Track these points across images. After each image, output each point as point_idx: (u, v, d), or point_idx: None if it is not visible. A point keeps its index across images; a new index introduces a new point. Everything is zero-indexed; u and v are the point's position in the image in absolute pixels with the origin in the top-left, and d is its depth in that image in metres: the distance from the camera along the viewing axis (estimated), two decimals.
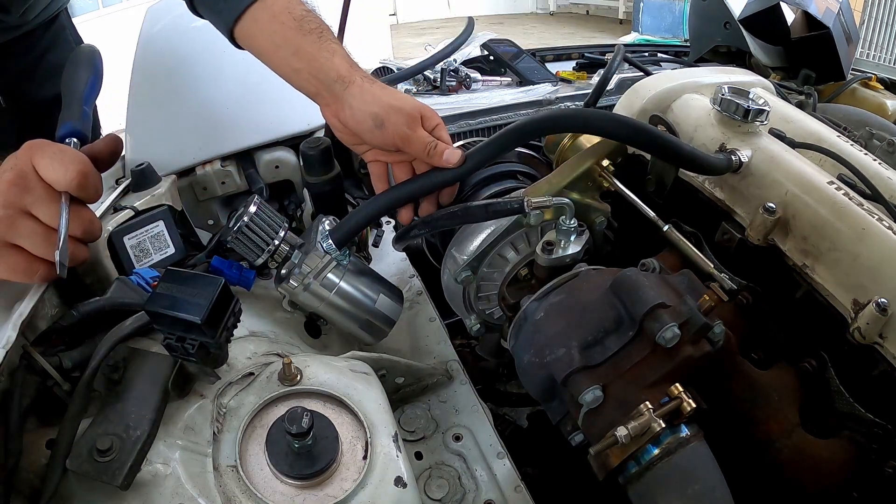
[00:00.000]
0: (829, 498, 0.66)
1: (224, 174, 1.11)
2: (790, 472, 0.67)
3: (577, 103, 1.48)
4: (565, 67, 1.68)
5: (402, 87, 1.51)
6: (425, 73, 1.51)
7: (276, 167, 1.16)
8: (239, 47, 0.82)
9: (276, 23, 0.77)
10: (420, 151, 0.76)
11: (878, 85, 1.55)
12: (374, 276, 0.86)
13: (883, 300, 0.63)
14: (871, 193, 0.75)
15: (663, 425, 0.57)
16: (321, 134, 1.15)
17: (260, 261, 0.78)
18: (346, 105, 0.76)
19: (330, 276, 0.79)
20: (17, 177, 0.62)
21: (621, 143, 0.85)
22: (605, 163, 0.83)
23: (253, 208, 0.77)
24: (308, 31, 0.77)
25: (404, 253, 1.10)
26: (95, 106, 1.43)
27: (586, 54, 1.75)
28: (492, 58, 1.65)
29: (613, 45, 1.45)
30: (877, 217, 0.69)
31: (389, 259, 1.10)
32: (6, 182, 0.62)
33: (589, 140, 0.96)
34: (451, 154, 0.76)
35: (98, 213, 0.82)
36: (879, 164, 0.83)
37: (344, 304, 0.81)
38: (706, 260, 0.73)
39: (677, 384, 0.60)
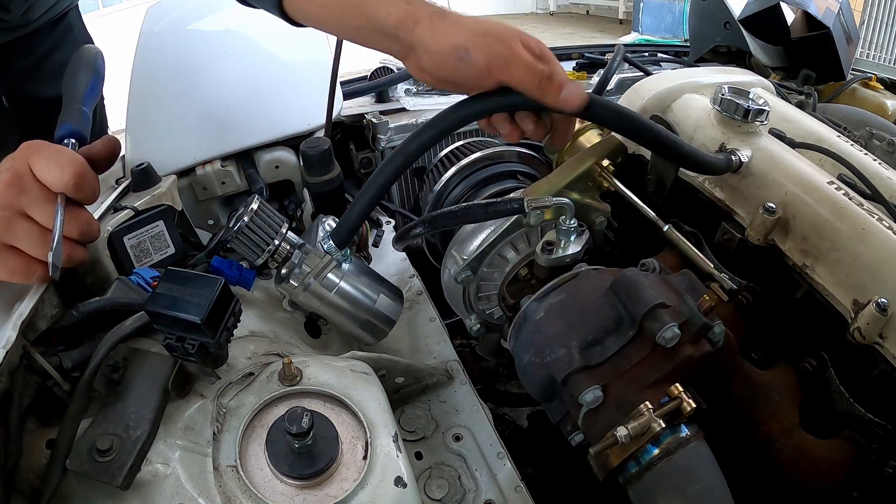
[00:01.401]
0: (829, 498, 0.66)
1: (224, 174, 1.12)
2: (790, 472, 0.67)
3: None
4: (565, 67, 1.66)
5: (401, 86, 1.51)
6: None
7: (276, 167, 1.16)
8: (297, 24, 0.74)
9: None
10: (528, 80, 0.60)
11: (878, 85, 1.55)
12: (374, 276, 0.86)
13: (883, 300, 0.63)
14: (871, 193, 0.75)
15: (663, 425, 0.57)
16: (321, 134, 1.15)
17: (260, 261, 0.78)
18: (422, 50, 0.65)
19: (330, 276, 0.78)
20: (14, 178, 0.62)
21: (621, 143, 0.85)
22: (605, 163, 0.83)
23: (253, 208, 0.77)
24: None
25: (404, 253, 1.10)
26: (104, 105, 1.43)
27: (586, 54, 1.74)
28: None
29: (613, 45, 1.45)
30: (877, 217, 0.69)
31: (389, 259, 1.10)
32: (3, 183, 0.62)
33: (589, 140, 0.97)
34: (572, 93, 0.59)
35: (98, 214, 0.82)
36: (879, 164, 0.83)
37: (344, 304, 0.81)
38: (706, 260, 0.73)
39: (677, 384, 0.60)
